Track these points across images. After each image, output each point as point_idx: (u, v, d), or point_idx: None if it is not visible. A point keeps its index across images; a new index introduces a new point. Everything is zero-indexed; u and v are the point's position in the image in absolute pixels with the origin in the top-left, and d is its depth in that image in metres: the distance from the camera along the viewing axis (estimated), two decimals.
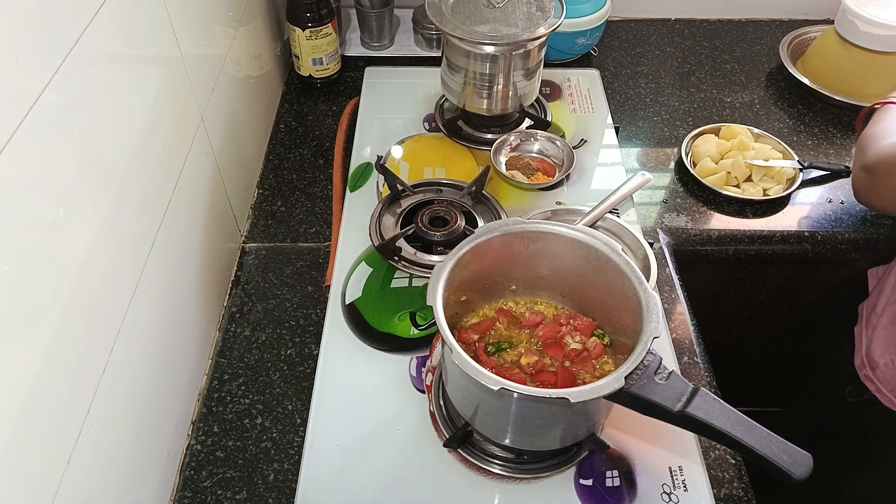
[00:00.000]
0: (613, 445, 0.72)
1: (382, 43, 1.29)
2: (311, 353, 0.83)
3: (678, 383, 0.56)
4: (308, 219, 1.00)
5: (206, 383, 0.81)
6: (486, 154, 1.03)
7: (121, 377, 0.60)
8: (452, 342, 0.57)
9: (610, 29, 1.36)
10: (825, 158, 1.11)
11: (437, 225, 0.90)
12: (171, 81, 0.73)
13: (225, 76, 0.91)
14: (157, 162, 0.69)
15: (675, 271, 0.94)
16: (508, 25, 0.97)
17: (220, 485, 0.72)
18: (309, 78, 1.20)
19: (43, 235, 0.49)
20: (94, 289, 0.56)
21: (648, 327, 0.58)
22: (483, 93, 1.02)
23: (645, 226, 0.99)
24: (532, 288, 0.74)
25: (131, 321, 0.62)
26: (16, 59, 0.45)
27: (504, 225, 0.68)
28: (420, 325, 0.82)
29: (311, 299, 0.89)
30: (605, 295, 0.68)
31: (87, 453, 0.54)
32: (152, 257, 0.67)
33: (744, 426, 0.54)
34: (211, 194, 0.85)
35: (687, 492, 0.69)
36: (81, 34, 0.53)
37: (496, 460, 0.70)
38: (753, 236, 0.99)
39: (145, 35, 0.67)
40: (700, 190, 1.04)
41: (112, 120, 0.59)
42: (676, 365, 0.82)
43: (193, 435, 0.77)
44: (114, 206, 0.59)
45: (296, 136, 1.14)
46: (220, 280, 0.89)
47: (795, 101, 1.22)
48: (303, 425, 0.76)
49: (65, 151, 0.51)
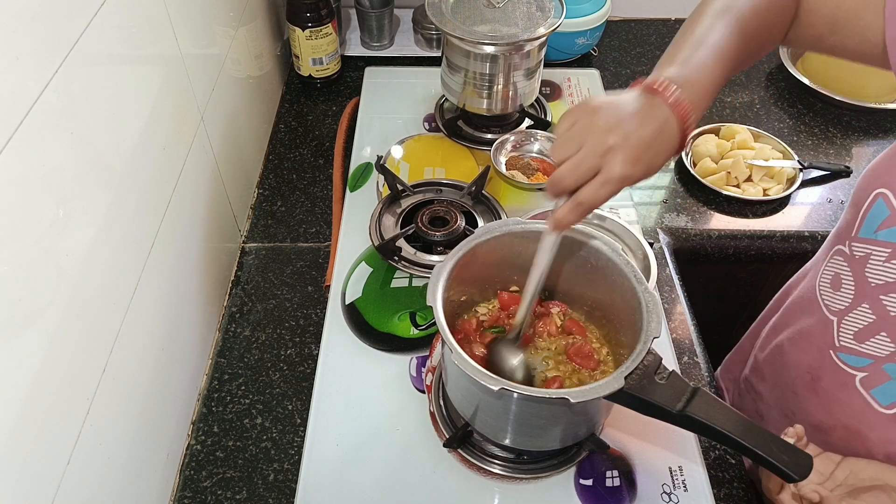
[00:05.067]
0: (613, 445, 0.72)
1: (382, 43, 1.29)
2: (311, 353, 0.83)
3: (678, 383, 0.56)
4: (308, 219, 1.00)
5: (206, 383, 0.81)
6: (486, 154, 1.03)
7: (121, 377, 0.60)
8: (452, 342, 0.57)
9: (610, 29, 1.36)
10: (825, 158, 1.11)
11: (437, 225, 0.90)
12: (171, 81, 0.73)
13: (225, 76, 0.91)
14: (156, 162, 0.69)
15: (675, 271, 0.94)
16: (508, 25, 0.97)
17: (220, 485, 0.72)
18: (309, 78, 1.20)
19: (43, 235, 0.49)
20: (94, 289, 0.56)
21: (648, 327, 0.58)
22: (483, 93, 1.02)
23: (645, 226, 0.99)
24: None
25: (131, 321, 0.62)
26: (16, 59, 0.45)
27: (504, 225, 0.68)
28: (420, 325, 0.82)
29: (311, 299, 0.89)
30: (605, 295, 0.68)
31: (87, 453, 0.54)
32: (152, 257, 0.67)
33: (744, 426, 0.54)
34: (211, 194, 0.85)
35: (687, 492, 0.69)
36: (81, 34, 0.53)
37: (496, 460, 0.70)
38: (753, 236, 0.99)
39: (145, 35, 0.67)
40: (700, 190, 1.04)
41: (112, 120, 0.59)
42: (676, 365, 0.82)
43: (193, 435, 0.77)
44: (114, 206, 0.59)
45: (296, 136, 1.14)
46: (220, 280, 0.89)
47: (795, 101, 1.22)
48: (303, 425, 0.76)
49: (65, 151, 0.51)
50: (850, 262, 0.65)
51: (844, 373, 0.67)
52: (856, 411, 0.67)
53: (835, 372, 0.68)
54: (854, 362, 0.66)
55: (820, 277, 0.70)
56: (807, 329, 0.72)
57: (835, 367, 0.67)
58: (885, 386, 0.64)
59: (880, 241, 0.61)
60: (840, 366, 0.67)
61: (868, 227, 0.63)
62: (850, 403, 0.67)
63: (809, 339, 0.72)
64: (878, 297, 0.62)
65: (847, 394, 0.67)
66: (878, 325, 0.63)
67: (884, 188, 0.61)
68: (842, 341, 0.67)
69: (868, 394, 0.65)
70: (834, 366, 0.68)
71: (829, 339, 0.68)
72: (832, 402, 0.69)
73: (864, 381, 0.65)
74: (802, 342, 0.73)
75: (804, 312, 0.73)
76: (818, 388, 0.71)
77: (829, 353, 0.68)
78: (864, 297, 0.64)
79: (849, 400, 0.67)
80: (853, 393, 0.66)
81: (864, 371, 0.65)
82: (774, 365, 0.79)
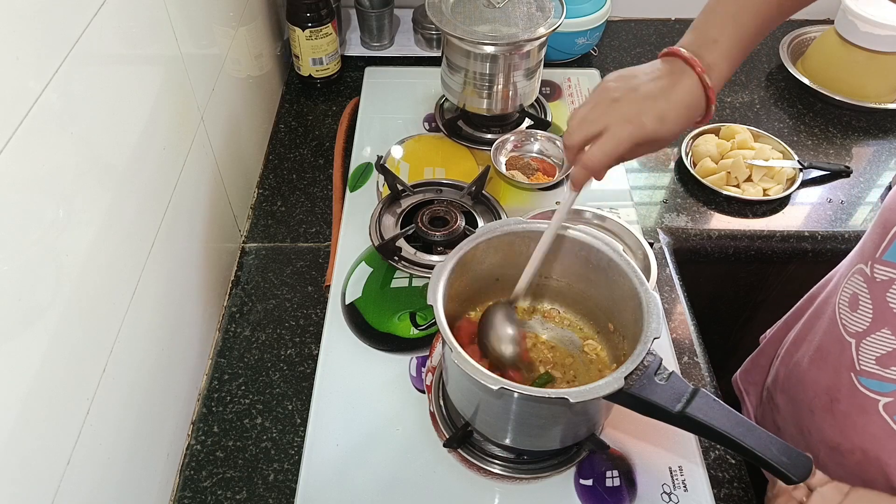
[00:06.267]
0: (613, 445, 0.72)
1: (382, 43, 1.29)
2: (311, 353, 0.83)
3: (678, 384, 0.56)
4: (308, 219, 1.00)
5: (206, 383, 0.81)
6: (486, 154, 1.03)
7: (121, 377, 0.60)
8: (452, 342, 0.57)
9: (610, 29, 1.36)
10: (825, 158, 1.11)
11: (437, 225, 0.90)
12: (171, 81, 0.73)
13: (225, 76, 0.91)
14: (157, 162, 0.69)
15: (675, 271, 0.94)
16: (508, 25, 0.97)
17: (220, 485, 0.72)
18: (309, 78, 1.20)
19: (43, 235, 0.49)
20: (94, 289, 0.56)
21: (649, 327, 0.58)
22: (483, 93, 1.02)
23: (645, 226, 0.99)
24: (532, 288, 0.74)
25: (131, 321, 0.62)
26: (16, 59, 0.45)
27: (504, 225, 0.68)
28: (420, 325, 0.82)
29: (311, 299, 0.89)
30: (605, 295, 0.68)
31: (87, 453, 0.54)
32: (152, 257, 0.67)
33: (743, 427, 0.54)
34: (211, 194, 0.85)
35: (687, 492, 0.69)
36: (81, 34, 0.53)
37: (496, 460, 0.70)
38: (753, 236, 0.99)
39: (145, 35, 0.67)
40: (700, 190, 1.04)
41: (112, 120, 0.59)
42: (676, 365, 0.82)
43: (193, 435, 0.77)
44: (114, 206, 0.59)
45: (296, 136, 1.14)
46: (220, 280, 0.89)
47: (795, 101, 1.22)
48: (303, 425, 0.76)
49: (65, 151, 0.51)
50: (870, 284, 0.62)
51: (866, 397, 0.64)
52: (875, 436, 0.64)
53: (854, 395, 0.66)
54: (877, 387, 0.63)
55: (840, 295, 0.68)
56: (825, 347, 0.70)
57: (854, 390, 0.65)
58: None
59: None
60: (861, 390, 0.65)
61: (894, 251, 0.60)
62: (870, 428, 0.65)
63: (827, 359, 0.69)
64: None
65: (867, 419, 0.65)
66: None
67: None
68: (863, 365, 0.64)
69: (891, 419, 0.63)
70: (853, 389, 0.65)
71: (847, 361, 0.66)
72: (850, 426, 0.67)
73: (888, 406, 0.63)
74: (820, 361, 0.71)
75: (823, 329, 0.71)
76: (836, 411, 0.69)
77: (849, 375, 0.66)
78: (884, 322, 0.61)
79: (869, 425, 0.65)
80: (875, 418, 0.64)
81: (889, 396, 0.63)
82: (792, 380, 0.77)
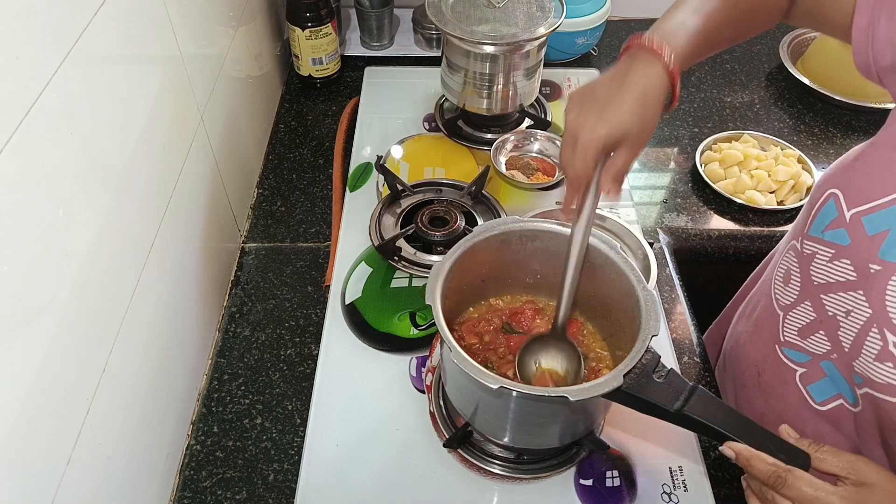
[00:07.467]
0: (613, 445, 0.72)
1: (382, 43, 1.29)
2: (311, 353, 0.83)
3: (677, 381, 0.56)
4: (308, 219, 1.00)
5: (206, 383, 0.81)
6: (486, 154, 1.03)
7: (120, 377, 0.60)
8: (452, 342, 0.57)
9: (610, 29, 1.36)
10: (825, 158, 1.10)
11: (437, 225, 0.90)
12: (171, 81, 0.73)
13: (225, 76, 0.91)
14: (157, 162, 0.69)
15: (675, 271, 0.94)
16: (508, 25, 0.97)
17: (219, 485, 0.72)
18: (309, 78, 1.20)
19: (43, 235, 0.49)
20: (94, 289, 0.56)
21: (647, 325, 0.58)
22: (483, 93, 1.02)
23: (645, 226, 0.99)
24: (531, 286, 0.74)
25: (131, 321, 0.62)
26: (16, 59, 0.45)
27: (503, 223, 0.68)
28: (420, 325, 0.82)
29: (310, 299, 0.89)
30: (603, 293, 0.68)
31: (87, 453, 0.54)
32: (152, 257, 0.67)
33: (742, 425, 0.54)
34: (211, 194, 0.85)
35: (687, 492, 0.69)
36: (81, 34, 0.53)
37: (496, 460, 0.70)
38: (753, 237, 0.99)
39: (145, 35, 0.67)
40: (700, 190, 1.04)
41: (112, 120, 0.59)
42: (676, 365, 0.82)
43: (193, 435, 0.77)
44: (114, 206, 0.59)
45: (295, 135, 1.14)
46: (220, 280, 0.89)
47: (795, 101, 1.22)
48: (303, 425, 0.76)
49: (64, 151, 0.51)
50: (800, 258, 0.66)
51: (787, 368, 0.68)
52: (793, 406, 0.68)
53: (777, 367, 0.69)
54: (796, 357, 0.67)
55: (776, 270, 0.71)
56: (761, 321, 0.73)
57: (778, 361, 0.69)
58: (820, 383, 0.65)
59: (826, 240, 0.62)
60: (783, 360, 0.68)
61: (817, 226, 0.63)
62: (788, 398, 0.68)
63: (761, 334, 0.73)
64: (818, 295, 0.63)
65: (786, 388, 0.68)
66: (818, 324, 0.64)
67: (836, 188, 0.62)
68: (786, 336, 0.68)
69: (805, 389, 0.66)
70: (777, 360, 0.69)
71: (775, 333, 0.69)
72: (773, 396, 0.71)
73: (803, 376, 0.67)
74: (755, 336, 0.74)
75: (762, 305, 0.74)
76: (762, 382, 0.72)
77: (774, 347, 0.69)
78: (807, 295, 0.65)
79: (788, 395, 0.68)
80: (792, 388, 0.68)
81: (803, 367, 0.66)
82: (731, 357, 0.81)
